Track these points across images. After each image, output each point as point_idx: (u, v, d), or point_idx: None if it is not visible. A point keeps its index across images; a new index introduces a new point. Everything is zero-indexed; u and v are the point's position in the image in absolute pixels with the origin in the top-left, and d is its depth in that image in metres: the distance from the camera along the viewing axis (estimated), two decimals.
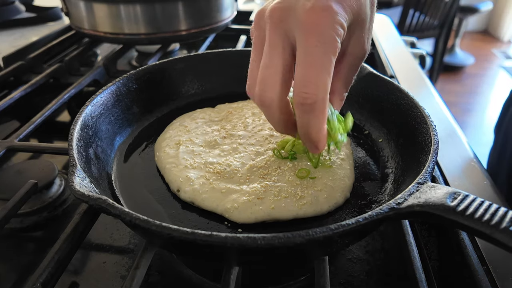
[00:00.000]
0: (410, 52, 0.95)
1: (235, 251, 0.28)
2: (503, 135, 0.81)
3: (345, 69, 0.37)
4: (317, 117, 0.33)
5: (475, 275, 0.34)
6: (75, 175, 0.33)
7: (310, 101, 0.31)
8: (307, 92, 0.31)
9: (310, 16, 0.30)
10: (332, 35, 0.31)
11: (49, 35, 0.92)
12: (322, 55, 0.31)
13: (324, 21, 0.31)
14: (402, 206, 0.30)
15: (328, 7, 0.31)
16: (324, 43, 0.31)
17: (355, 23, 0.34)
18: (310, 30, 0.31)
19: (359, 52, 0.36)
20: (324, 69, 0.31)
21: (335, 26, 0.31)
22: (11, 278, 0.40)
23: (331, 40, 0.31)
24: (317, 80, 0.31)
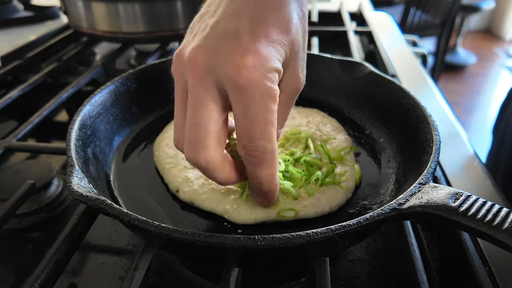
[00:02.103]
0: (412, 51, 0.95)
1: (235, 252, 0.28)
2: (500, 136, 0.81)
3: (280, 106, 0.32)
4: (267, 167, 0.31)
5: (477, 276, 0.34)
6: (73, 176, 0.32)
7: (258, 154, 0.29)
8: (254, 146, 0.29)
9: (242, 73, 0.27)
10: (268, 86, 0.28)
11: (47, 34, 0.91)
12: (263, 110, 0.28)
13: (258, 74, 0.27)
14: (404, 206, 0.29)
15: (257, 56, 0.27)
16: (261, 98, 0.28)
17: (289, 58, 0.31)
18: (244, 89, 0.27)
19: (293, 87, 0.33)
20: (267, 122, 0.28)
21: (269, 76, 0.28)
22: (9, 279, 0.39)
23: (268, 92, 0.28)
24: (262, 134, 0.29)
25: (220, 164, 0.31)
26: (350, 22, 1.01)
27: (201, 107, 0.29)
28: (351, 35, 0.89)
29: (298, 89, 0.34)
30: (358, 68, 0.54)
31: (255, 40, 0.28)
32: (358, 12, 1.13)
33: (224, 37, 0.28)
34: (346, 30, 0.92)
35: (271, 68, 0.28)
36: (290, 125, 0.51)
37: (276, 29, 0.29)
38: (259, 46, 0.28)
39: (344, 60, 0.56)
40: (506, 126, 0.78)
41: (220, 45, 0.28)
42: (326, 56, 0.57)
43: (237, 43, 0.28)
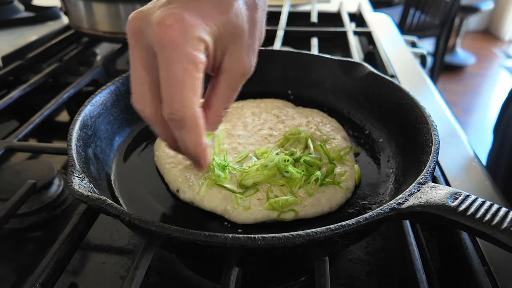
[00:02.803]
0: (411, 51, 0.95)
1: (235, 252, 0.28)
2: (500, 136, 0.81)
3: (222, 85, 0.34)
4: (189, 132, 0.31)
5: (476, 275, 0.34)
6: (74, 175, 0.33)
7: (178, 117, 0.30)
8: (172, 109, 0.30)
9: (163, 30, 0.29)
10: (189, 51, 0.29)
11: (48, 34, 0.92)
12: (182, 72, 0.29)
13: (178, 35, 0.28)
14: (403, 206, 0.29)
15: (181, 20, 0.29)
16: (181, 60, 0.29)
17: (227, 37, 0.32)
18: (164, 46, 0.29)
19: (236, 69, 0.34)
20: (186, 86, 0.29)
21: (190, 41, 0.29)
22: (10, 278, 0.39)
23: (188, 56, 0.29)
24: (181, 97, 0.29)
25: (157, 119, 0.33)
26: (349, 23, 1.01)
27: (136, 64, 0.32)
28: (351, 35, 0.89)
29: (243, 73, 0.34)
30: (358, 68, 0.54)
31: (183, 8, 0.29)
32: (358, 12, 1.13)
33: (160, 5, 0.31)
34: (345, 31, 0.92)
35: (194, 35, 0.29)
36: (290, 125, 0.51)
37: (210, 5, 0.31)
38: (184, 13, 0.29)
39: (344, 61, 0.56)
40: (507, 125, 0.78)
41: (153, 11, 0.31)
42: (326, 56, 0.57)
43: (166, 9, 0.30)
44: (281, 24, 0.95)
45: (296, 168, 0.41)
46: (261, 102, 0.57)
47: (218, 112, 0.35)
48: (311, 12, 1.08)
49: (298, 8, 1.24)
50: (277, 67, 0.60)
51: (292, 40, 0.91)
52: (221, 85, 0.34)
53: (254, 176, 0.40)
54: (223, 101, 0.35)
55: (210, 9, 0.31)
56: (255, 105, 0.56)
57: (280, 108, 0.55)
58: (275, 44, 0.83)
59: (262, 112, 0.54)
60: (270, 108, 0.55)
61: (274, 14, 1.07)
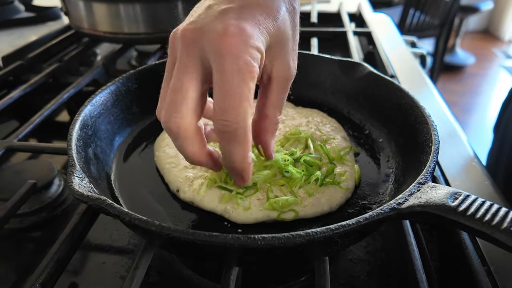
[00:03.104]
0: (411, 51, 0.95)
1: (235, 252, 0.28)
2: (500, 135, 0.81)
3: (274, 92, 0.35)
4: (240, 144, 0.31)
5: (476, 275, 0.34)
6: (74, 175, 0.33)
7: (231, 129, 0.30)
8: (226, 119, 0.30)
9: (223, 40, 0.29)
10: (248, 60, 0.29)
11: (48, 34, 0.92)
12: (240, 82, 0.29)
13: (238, 45, 0.29)
14: (403, 206, 0.29)
15: (241, 30, 0.29)
16: (240, 69, 0.29)
17: (276, 45, 0.32)
18: (224, 55, 0.29)
19: (284, 74, 0.34)
20: (242, 96, 0.29)
21: (250, 50, 0.29)
22: (10, 278, 0.40)
23: (247, 66, 0.29)
24: (236, 107, 0.30)
25: (191, 134, 0.32)
26: (349, 23, 1.01)
27: (185, 73, 0.31)
28: (351, 35, 0.89)
29: (290, 78, 0.35)
30: (358, 68, 0.54)
31: (240, 18, 0.30)
32: (358, 13, 1.14)
33: (214, 15, 0.31)
34: (345, 31, 0.92)
35: (253, 45, 0.30)
36: (290, 125, 0.51)
37: (262, 14, 0.31)
38: (243, 23, 0.30)
39: (344, 61, 0.56)
40: (507, 125, 0.78)
41: (209, 21, 0.30)
42: (326, 56, 0.58)
43: (224, 18, 0.30)
44: None
45: (296, 168, 0.41)
46: None
47: (274, 120, 0.36)
48: (311, 12, 1.08)
49: None
50: None
51: None
52: (273, 93, 0.35)
53: (253, 176, 0.40)
54: (277, 107, 0.36)
55: (263, 17, 0.31)
56: (255, 105, 0.56)
57: None
58: None
59: None
60: None
61: None
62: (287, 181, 0.40)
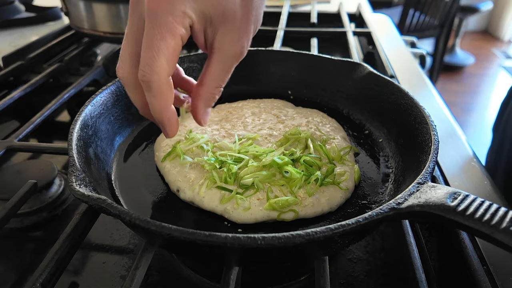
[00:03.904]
0: (410, 52, 0.95)
1: (235, 251, 0.28)
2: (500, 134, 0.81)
3: (213, 63, 0.36)
4: (154, 97, 0.34)
5: (476, 275, 0.34)
6: (75, 175, 0.33)
7: (146, 79, 0.33)
8: (143, 70, 0.32)
9: (150, 1, 0.32)
10: (169, 21, 0.31)
11: (48, 35, 0.92)
12: (159, 39, 0.32)
13: (162, 6, 0.31)
14: (402, 206, 0.30)
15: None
16: (159, 27, 0.31)
17: (218, 19, 0.34)
18: (149, 14, 0.32)
19: (227, 49, 0.36)
20: (160, 52, 0.32)
21: (174, 12, 0.32)
22: (11, 278, 0.40)
23: (167, 25, 0.32)
24: (152, 61, 0.32)
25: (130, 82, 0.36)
26: (349, 23, 1.01)
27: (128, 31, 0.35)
28: (350, 36, 0.89)
29: (234, 55, 0.36)
30: (357, 68, 0.54)
31: None
32: (357, 13, 1.14)
33: None
34: (345, 31, 0.92)
35: (178, 8, 0.32)
36: (290, 125, 0.51)
37: None
38: None
39: (343, 61, 0.56)
40: (506, 124, 0.79)
41: None
42: (326, 56, 0.58)
43: None
44: (281, 25, 0.95)
45: (296, 168, 0.41)
46: (261, 102, 0.57)
47: (210, 89, 0.37)
48: (311, 12, 1.08)
49: (298, 9, 1.24)
50: (277, 68, 0.60)
51: (292, 41, 0.91)
52: (212, 64, 0.36)
53: (253, 176, 0.40)
54: (214, 79, 0.37)
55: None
56: (255, 105, 0.56)
57: (280, 108, 0.55)
58: (275, 45, 0.83)
59: (262, 112, 0.54)
60: (270, 108, 0.55)
61: (274, 14, 1.07)
62: (287, 181, 0.40)
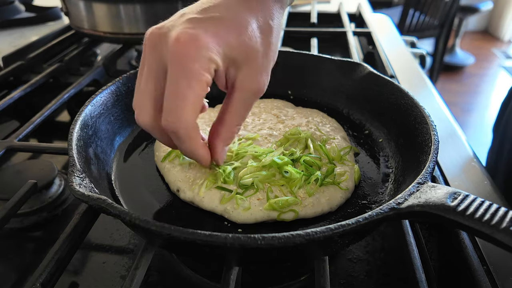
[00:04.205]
0: (410, 51, 0.95)
1: (235, 251, 0.28)
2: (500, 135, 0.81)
3: (235, 102, 0.36)
4: (184, 143, 0.33)
5: (476, 275, 0.34)
6: (75, 175, 0.33)
7: (173, 130, 0.32)
8: (169, 120, 0.32)
9: (175, 46, 0.30)
10: (197, 69, 0.31)
11: (48, 35, 0.92)
12: (186, 87, 0.31)
13: (189, 53, 0.30)
14: (402, 206, 0.30)
15: (195, 39, 0.30)
16: (187, 76, 0.30)
17: (240, 58, 0.33)
18: (174, 61, 0.31)
19: (250, 88, 0.35)
20: (187, 101, 0.31)
21: (201, 60, 0.31)
22: (11, 278, 0.40)
23: (195, 73, 0.31)
24: (179, 111, 0.31)
25: (151, 127, 0.35)
26: (349, 23, 1.01)
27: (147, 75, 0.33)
28: (350, 36, 0.89)
29: (256, 92, 0.36)
30: (357, 68, 0.55)
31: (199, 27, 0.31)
32: (357, 13, 1.14)
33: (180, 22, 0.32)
34: (345, 31, 0.92)
35: (205, 55, 0.31)
36: (290, 125, 0.51)
37: (226, 27, 0.32)
38: (201, 34, 0.31)
39: (343, 61, 0.56)
40: (507, 124, 0.78)
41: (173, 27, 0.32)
42: (326, 57, 0.58)
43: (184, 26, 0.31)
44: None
45: (296, 168, 0.41)
46: (261, 102, 0.57)
47: (230, 127, 0.37)
48: (310, 12, 1.08)
49: (298, 9, 1.24)
50: (277, 68, 0.60)
51: (292, 41, 0.91)
52: (234, 102, 0.36)
53: (252, 176, 0.40)
54: (235, 117, 0.37)
55: (225, 32, 0.32)
56: (255, 105, 0.56)
57: (280, 108, 0.55)
58: None
59: (262, 112, 0.54)
60: (270, 108, 0.55)
61: None
62: (287, 181, 0.40)
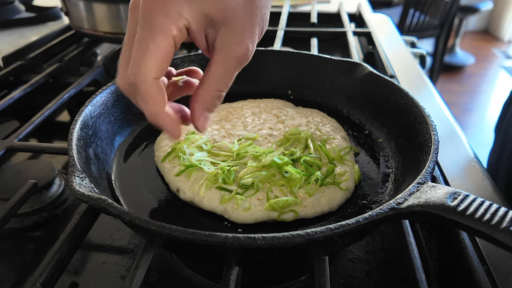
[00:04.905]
0: (410, 51, 0.95)
1: (235, 251, 0.28)
2: (502, 135, 0.81)
3: (215, 65, 0.34)
4: (144, 101, 0.32)
5: (476, 275, 0.34)
6: (75, 175, 0.33)
7: (132, 81, 0.31)
8: (130, 72, 0.31)
9: (146, 2, 0.31)
10: (161, 21, 0.30)
11: (48, 35, 0.92)
12: (149, 39, 0.30)
13: (156, 6, 0.31)
14: (402, 206, 0.30)
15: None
16: (151, 28, 0.31)
17: (219, 18, 0.32)
18: (142, 15, 0.31)
19: (231, 51, 0.33)
20: (147, 51, 0.30)
21: (168, 13, 0.31)
22: (11, 278, 0.40)
23: (159, 26, 0.30)
24: (139, 63, 0.31)
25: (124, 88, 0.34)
26: (349, 23, 1.01)
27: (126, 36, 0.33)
28: (350, 36, 0.89)
29: (238, 57, 0.34)
30: (357, 68, 0.55)
31: None
32: (357, 13, 1.14)
33: None
34: (345, 31, 0.92)
35: (172, 10, 0.31)
36: (290, 125, 0.51)
37: None
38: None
39: (343, 61, 0.56)
40: (508, 124, 0.78)
41: None
42: (326, 56, 0.58)
43: None
44: (281, 25, 0.95)
45: (296, 168, 0.41)
46: (261, 102, 0.57)
47: (210, 91, 0.35)
48: (311, 12, 1.08)
49: (298, 9, 1.24)
50: (277, 68, 0.60)
51: (292, 41, 0.91)
52: (214, 65, 0.34)
53: (253, 176, 0.40)
54: (215, 81, 0.34)
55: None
56: (255, 105, 0.56)
57: (280, 108, 0.55)
58: (275, 45, 0.83)
59: (262, 112, 0.54)
60: (270, 108, 0.55)
61: (274, 14, 1.06)
62: (287, 181, 0.40)
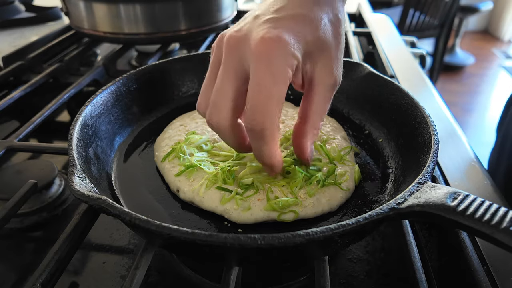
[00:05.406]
0: (410, 51, 0.95)
1: (235, 251, 0.28)
2: (503, 134, 0.81)
3: (316, 98, 0.36)
4: (266, 144, 0.33)
5: (476, 275, 0.34)
6: (75, 175, 0.33)
7: (258, 128, 0.32)
8: (254, 119, 0.32)
9: (260, 46, 0.31)
10: (282, 66, 0.31)
11: (48, 35, 0.92)
12: (272, 84, 0.31)
13: (274, 51, 0.31)
14: (402, 206, 0.30)
15: (278, 38, 0.31)
16: (273, 73, 0.31)
17: (317, 52, 0.34)
18: (260, 60, 0.31)
19: (327, 81, 0.36)
20: (272, 98, 0.31)
21: (286, 57, 0.31)
22: (11, 278, 0.40)
23: (281, 70, 0.31)
24: (265, 108, 0.32)
25: (231, 129, 0.35)
26: (349, 23, 1.01)
27: (227, 76, 0.34)
28: (350, 36, 0.89)
29: (333, 84, 0.36)
30: (357, 68, 0.54)
31: (279, 27, 0.32)
32: (357, 13, 1.14)
33: (258, 24, 0.33)
34: (345, 31, 0.92)
35: (289, 52, 0.32)
36: (290, 125, 0.51)
37: (303, 23, 0.33)
38: (281, 31, 0.32)
39: (343, 61, 0.56)
40: (509, 124, 0.78)
41: (252, 29, 0.33)
42: None
43: (265, 27, 0.32)
44: None
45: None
46: None
47: (315, 124, 0.37)
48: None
49: None
50: None
51: None
52: (315, 98, 0.36)
53: (253, 176, 0.40)
54: (319, 113, 0.37)
55: (303, 28, 0.33)
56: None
57: None
58: None
59: None
60: None
61: None
62: (287, 181, 0.40)
